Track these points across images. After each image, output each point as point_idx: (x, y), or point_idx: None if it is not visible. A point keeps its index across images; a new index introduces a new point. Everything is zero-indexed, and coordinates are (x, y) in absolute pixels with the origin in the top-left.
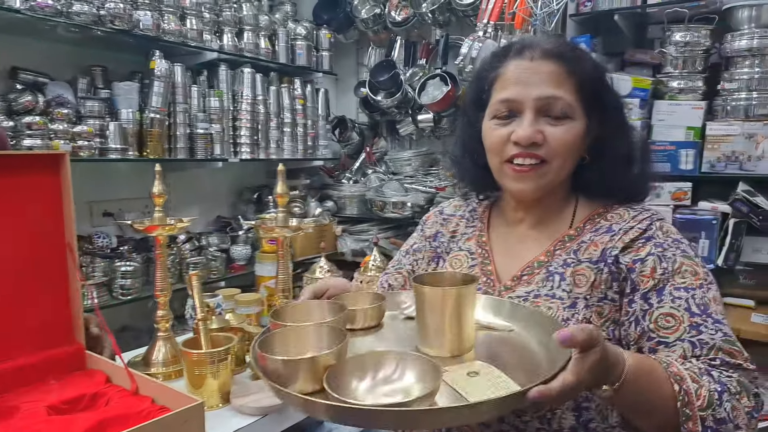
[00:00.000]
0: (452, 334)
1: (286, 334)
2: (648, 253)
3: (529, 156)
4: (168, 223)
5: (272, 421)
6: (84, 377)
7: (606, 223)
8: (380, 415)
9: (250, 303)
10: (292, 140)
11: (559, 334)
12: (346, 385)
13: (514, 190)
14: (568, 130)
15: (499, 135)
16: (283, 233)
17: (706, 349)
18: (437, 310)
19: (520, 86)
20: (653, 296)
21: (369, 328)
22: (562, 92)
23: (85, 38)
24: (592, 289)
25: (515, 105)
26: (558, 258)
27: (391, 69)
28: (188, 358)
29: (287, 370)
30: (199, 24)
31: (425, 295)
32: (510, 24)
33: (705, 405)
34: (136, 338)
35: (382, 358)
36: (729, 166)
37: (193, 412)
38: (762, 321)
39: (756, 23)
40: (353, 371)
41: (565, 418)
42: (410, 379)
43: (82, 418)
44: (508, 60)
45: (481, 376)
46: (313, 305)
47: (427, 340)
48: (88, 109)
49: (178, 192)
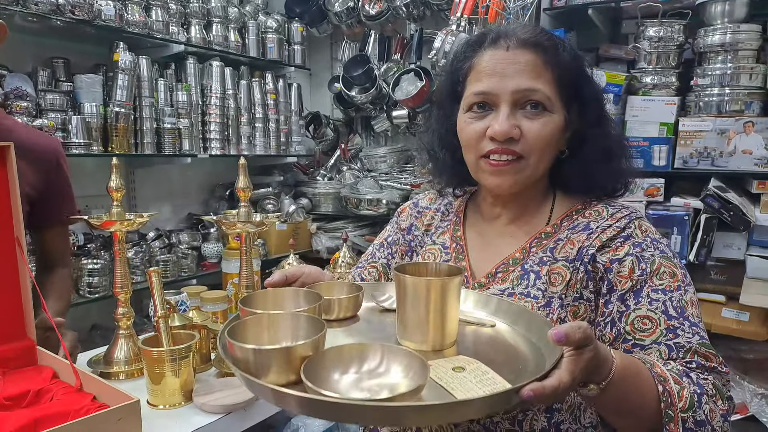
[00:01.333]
0: (435, 327)
1: (258, 322)
2: (626, 253)
3: (505, 152)
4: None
5: (235, 419)
6: (32, 373)
7: (584, 220)
8: (363, 410)
9: (216, 300)
10: (264, 136)
11: (553, 332)
12: (326, 378)
13: (491, 185)
14: (546, 124)
15: (474, 130)
16: (245, 229)
17: (683, 352)
18: (420, 301)
19: (496, 78)
20: (630, 298)
21: (344, 320)
22: (540, 84)
23: (44, 28)
24: (568, 288)
25: (491, 98)
26: (534, 256)
27: (365, 64)
28: (148, 355)
29: (260, 360)
30: (165, 16)
31: (408, 285)
32: (483, 18)
33: (686, 406)
34: (105, 337)
35: (366, 350)
36: (701, 162)
37: (127, 410)
38: (732, 316)
39: (729, 18)
40: (334, 363)
41: (536, 420)
42: (397, 373)
43: (18, 415)
44: (482, 50)
45: (467, 372)
46: (286, 293)
47: (407, 333)
48: (49, 102)
49: (146, 188)
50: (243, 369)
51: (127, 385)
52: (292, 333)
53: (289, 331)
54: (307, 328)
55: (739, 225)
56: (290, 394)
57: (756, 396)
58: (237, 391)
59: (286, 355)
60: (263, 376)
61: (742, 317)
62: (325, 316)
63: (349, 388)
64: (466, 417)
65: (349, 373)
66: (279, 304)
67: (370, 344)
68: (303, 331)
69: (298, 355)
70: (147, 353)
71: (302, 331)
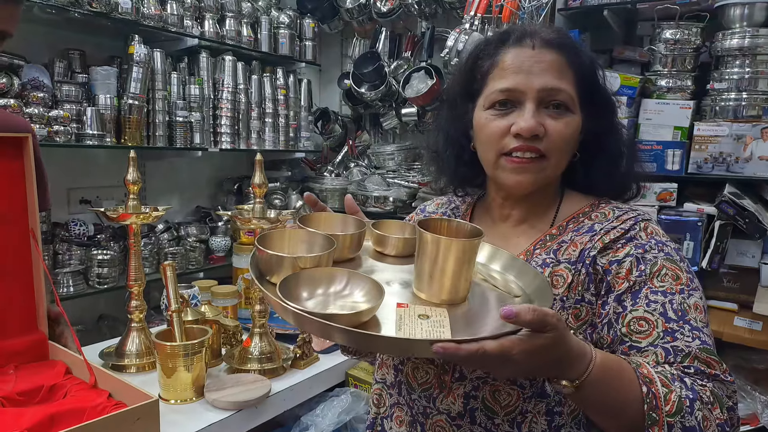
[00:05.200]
0: (447, 283)
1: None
2: (626, 254)
3: (529, 149)
4: (142, 211)
5: (246, 416)
6: (44, 368)
7: (589, 222)
8: (306, 320)
9: (227, 295)
10: (274, 131)
11: (504, 308)
12: (297, 295)
13: (511, 183)
14: (569, 124)
15: (497, 126)
16: (259, 225)
17: (681, 356)
18: (436, 258)
19: (522, 75)
20: (627, 299)
21: (402, 257)
22: (564, 84)
23: (62, 20)
24: (570, 290)
25: (516, 95)
26: (537, 258)
27: (375, 61)
28: (161, 350)
29: (271, 263)
30: (180, 9)
31: (426, 241)
32: (497, 17)
33: (673, 411)
34: (113, 328)
35: (334, 274)
36: (716, 168)
37: (146, 409)
38: (744, 324)
39: (748, 22)
40: (307, 283)
41: (536, 423)
42: (358, 297)
43: (34, 411)
44: (506, 48)
45: (428, 321)
46: (337, 218)
47: (421, 285)
48: (65, 93)
49: (156, 181)
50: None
51: (139, 378)
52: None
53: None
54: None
55: (755, 233)
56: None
57: (767, 407)
58: (248, 388)
59: (290, 262)
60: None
61: (755, 326)
62: (381, 249)
63: (318, 305)
64: (382, 350)
65: (320, 292)
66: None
67: (337, 269)
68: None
69: (300, 265)
70: (161, 347)
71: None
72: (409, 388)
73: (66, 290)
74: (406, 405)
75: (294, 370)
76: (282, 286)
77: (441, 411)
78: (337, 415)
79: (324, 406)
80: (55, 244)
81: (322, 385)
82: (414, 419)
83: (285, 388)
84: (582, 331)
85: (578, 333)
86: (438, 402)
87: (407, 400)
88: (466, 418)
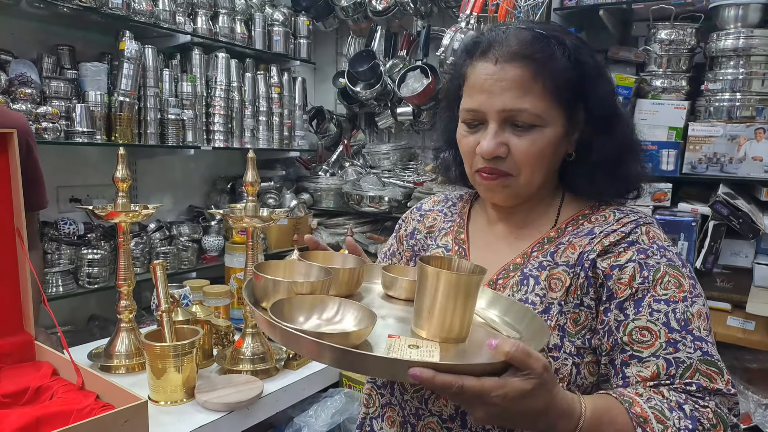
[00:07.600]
0: (448, 320)
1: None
2: (628, 260)
3: (492, 171)
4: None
5: (238, 417)
6: (31, 369)
7: (589, 225)
8: (299, 339)
9: (219, 295)
10: (268, 129)
11: (490, 339)
12: (288, 318)
13: (487, 198)
14: (535, 141)
15: (468, 144)
16: (252, 223)
17: (682, 368)
18: (436, 293)
19: (484, 95)
20: (630, 307)
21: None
22: (527, 102)
23: (51, 15)
24: (568, 294)
25: (480, 115)
26: (534, 260)
27: (370, 59)
28: (151, 350)
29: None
30: (172, 5)
31: (427, 275)
32: (493, 16)
33: None
34: (103, 329)
35: (326, 301)
36: (710, 168)
37: (134, 411)
38: (738, 324)
39: (742, 23)
40: (299, 308)
41: None
42: (349, 324)
43: (20, 413)
44: (474, 60)
45: (417, 351)
46: (337, 256)
47: (420, 321)
48: (54, 89)
49: (148, 179)
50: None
51: (128, 379)
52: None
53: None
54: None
55: (749, 233)
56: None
57: (760, 406)
58: (240, 389)
59: (287, 287)
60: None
61: (748, 326)
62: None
63: (306, 328)
64: (368, 371)
65: (313, 318)
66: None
67: (329, 297)
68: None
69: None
70: (150, 348)
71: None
72: (402, 389)
73: (55, 290)
74: (398, 406)
75: (287, 370)
76: (273, 308)
77: (433, 413)
78: (330, 416)
79: (317, 407)
80: (44, 243)
81: (316, 386)
82: (405, 420)
83: (278, 389)
84: (581, 336)
85: (577, 338)
86: (430, 403)
87: (399, 401)
88: (457, 421)
